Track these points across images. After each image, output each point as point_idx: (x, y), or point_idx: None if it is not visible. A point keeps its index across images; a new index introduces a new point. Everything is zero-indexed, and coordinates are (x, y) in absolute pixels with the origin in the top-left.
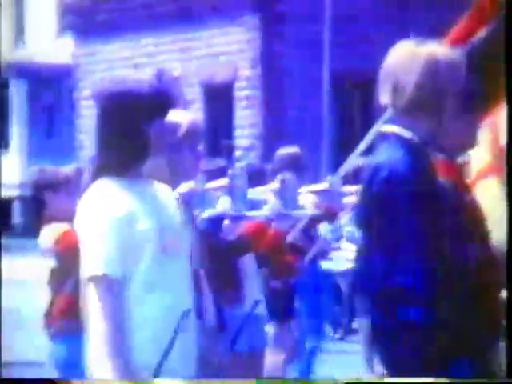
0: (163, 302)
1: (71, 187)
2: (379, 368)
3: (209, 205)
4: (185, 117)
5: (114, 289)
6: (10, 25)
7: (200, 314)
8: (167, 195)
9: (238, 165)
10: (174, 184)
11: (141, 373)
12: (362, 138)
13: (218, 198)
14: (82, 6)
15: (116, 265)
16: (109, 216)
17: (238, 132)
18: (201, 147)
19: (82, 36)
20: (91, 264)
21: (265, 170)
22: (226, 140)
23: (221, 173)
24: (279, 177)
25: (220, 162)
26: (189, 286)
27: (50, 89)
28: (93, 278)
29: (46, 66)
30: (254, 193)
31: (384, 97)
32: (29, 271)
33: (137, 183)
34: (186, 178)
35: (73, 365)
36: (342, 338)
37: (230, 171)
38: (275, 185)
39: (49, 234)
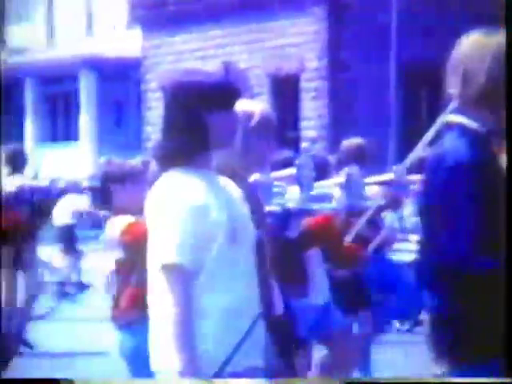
0: (231, 291)
1: (138, 179)
2: (438, 366)
3: (277, 195)
4: (257, 107)
5: (185, 278)
6: (79, 18)
7: (267, 306)
8: (232, 186)
9: (304, 155)
10: (245, 174)
11: (207, 363)
12: (428, 128)
13: (286, 188)
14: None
15: (188, 254)
16: (182, 205)
17: (304, 123)
18: (272, 138)
19: (150, 28)
20: (163, 253)
21: (330, 162)
22: (293, 131)
23: (287, 164)
24: (345, 170)
25: (287, 153)
26: (256, 276)
27: (118, 81)
28: (165, 267)
29: (114, 58)
30: (320, 186)
31: (452, 87)
32: (96, 262)
33: (204, 174)
34: (257, 168)
35: (140, 355)
36: (409, 330)
37: (297, 161)
38: (341, 178)
39: (115, 225)
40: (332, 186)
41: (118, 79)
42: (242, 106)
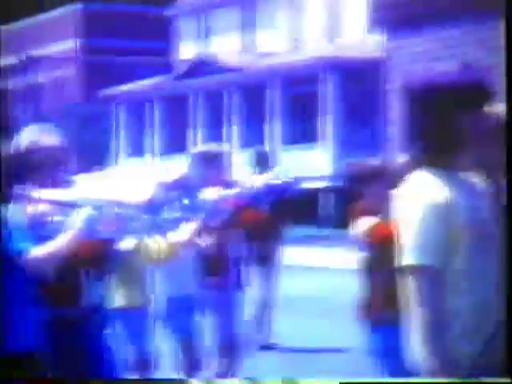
0: (474, 291)
1: (381, 179)
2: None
3: None
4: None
5: (434, 279)
6: (322, 21)
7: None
8: (478, 187)
9: None
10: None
11: (461, 362)
12: None
13: None
14: (396, 1)
15: (437, 255)
16: (432, 205)
17: None
18: None
19: (392, 30)
20: (413, 254)
21: None
22: None
23: None
24: None
25: None
26: (497, 276)
27: (359, 82)
28: (414, 268)
29: (356, 60)
30: None
31: None
32: (337, 261)
33: (452, 174)
34: (490, 174)
35: (393, 355)
36: None
37: None
38: None
39: (362, 225)
40: None
41: (360, 80)
42: (485, 108)
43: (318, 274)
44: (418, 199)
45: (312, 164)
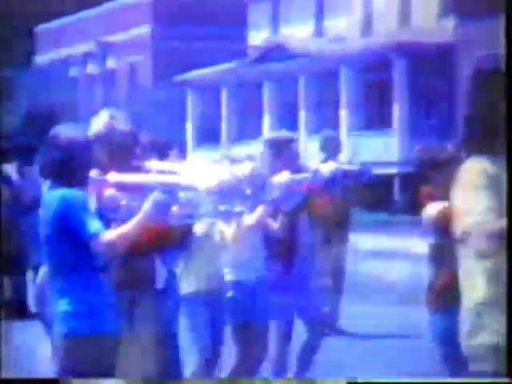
0: None
1: (450, 165)
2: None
3: None
4: None
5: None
6: (394, 6)
7: None
8: None
9: None
10: None
11: None
12: None
13: None
14: None
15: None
16: (486, 191)
17: None
18: None
19: (464, 14)
20: (481, 241)
21: None
22: None
23: None
24: None
25: None
26: None
27: (431, 68)
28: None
29: (428, 45)
30: None
31: None
32: (407, 246)
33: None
34: None
35: (455, 340)
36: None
37: None
38: None
39: (433, 210)
40: None
41: (431, 66)
42: None
43: (387, 260)
44: (473, 184)
45: (382, 150)
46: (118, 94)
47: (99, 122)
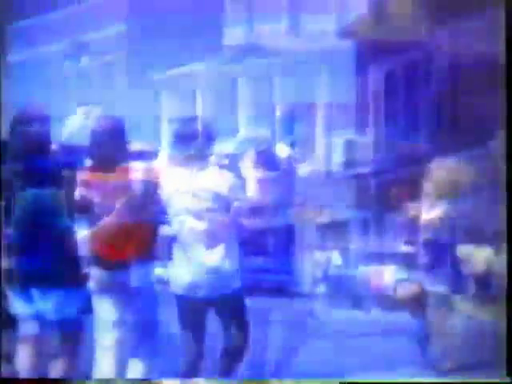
0: None
1: (422, 164)
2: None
3: None
4: None
5: None
6: (372, 5)
7: None
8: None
9: None
10: None
11: None
12: None
13: None
14: None
15: None
16: None
17: None
18: None
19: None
20: None
21: None
22: None
23: None
24: None
25: None
26: None
27: (407, 66)
28: None
29: (404, 43)
30: None
31: None
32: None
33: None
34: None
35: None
36: None
37: None
38: None
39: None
40: None
41: (409, 65)
42: None
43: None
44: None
45: (358, 149)
46: (93, 94)
47: (75, 121)
